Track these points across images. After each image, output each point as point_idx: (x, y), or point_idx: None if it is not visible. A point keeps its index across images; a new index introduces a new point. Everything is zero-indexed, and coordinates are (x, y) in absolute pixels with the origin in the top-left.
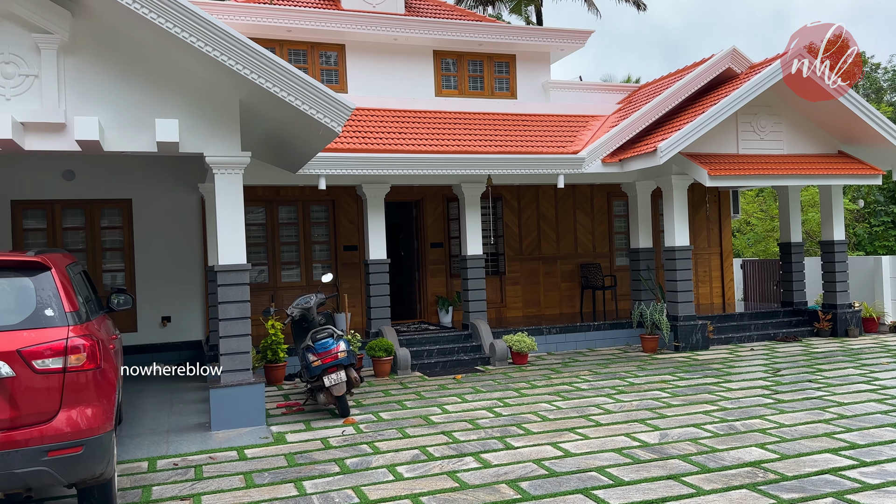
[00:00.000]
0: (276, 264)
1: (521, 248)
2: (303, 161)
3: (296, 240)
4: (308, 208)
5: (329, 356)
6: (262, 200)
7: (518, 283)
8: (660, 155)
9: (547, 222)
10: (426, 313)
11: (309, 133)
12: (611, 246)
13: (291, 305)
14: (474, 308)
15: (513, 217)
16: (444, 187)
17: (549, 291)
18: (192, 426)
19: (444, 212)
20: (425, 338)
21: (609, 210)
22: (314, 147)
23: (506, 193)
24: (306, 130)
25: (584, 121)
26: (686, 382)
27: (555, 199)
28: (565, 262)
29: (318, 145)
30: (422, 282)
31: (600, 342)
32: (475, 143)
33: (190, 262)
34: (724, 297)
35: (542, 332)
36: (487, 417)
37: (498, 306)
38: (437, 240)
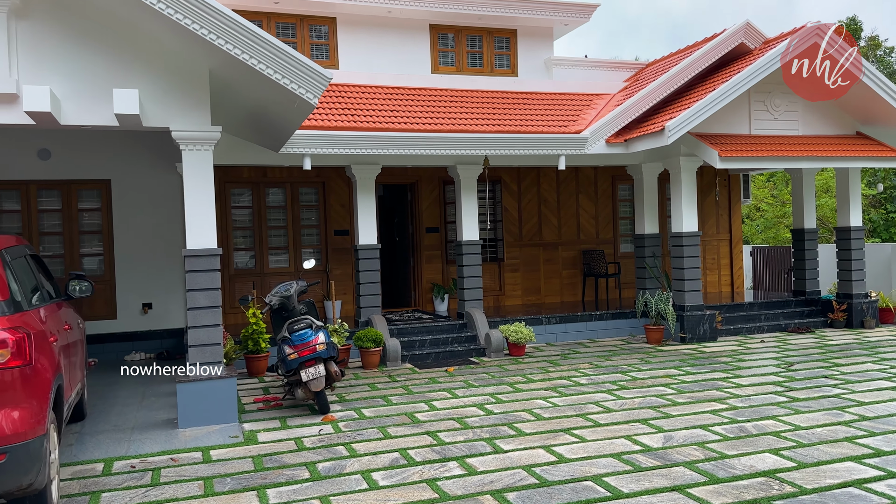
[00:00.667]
0: (263, 249)
1: (520, 234)
2: (283, 138)
3: (284, 224)
4: (297, 191)
5: (307, 349)
6: (248, 182)
7: (517, 270)
8: (667, 134)
9: (548, 207)
10: (421, 301)
11: (284, 107)
12: (615, 232)
13: (270, 293)
14: (470, 296)
15: (512, 201)
16: (440, 169)
17: (549, 279)
18: (159, 423)
19: (440, 195)
20: (417, 327)
21: (613, 194)
22: (292, 122)
23: (505, 176)
24: (281, 104)
25: (589, 99)
26: (692, 377)
27: (557, 183)
28: (567, 249)
29: (295, 120)
30: (416, 268)
31: (602, 332)
32: (472, 121)
33: (172, 247)
34: (733, 285)
35: (541, 321)
36: (477, 415)
37: (496, 294)
38: (432, 224)
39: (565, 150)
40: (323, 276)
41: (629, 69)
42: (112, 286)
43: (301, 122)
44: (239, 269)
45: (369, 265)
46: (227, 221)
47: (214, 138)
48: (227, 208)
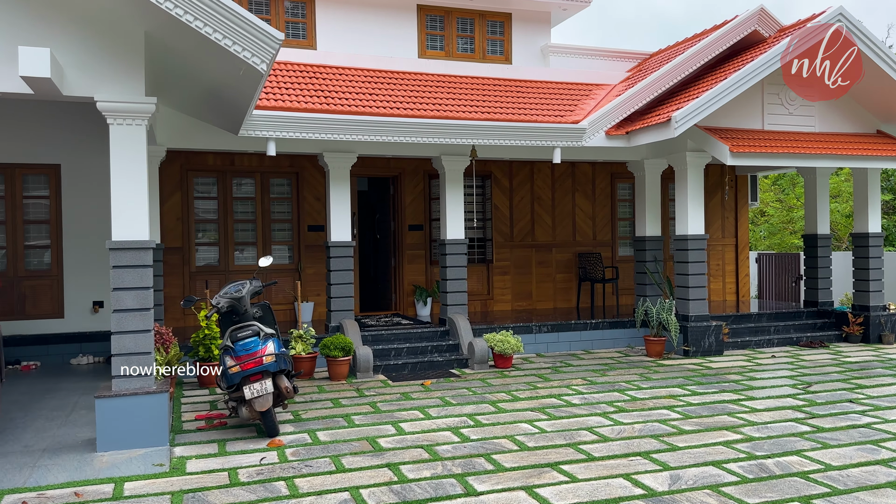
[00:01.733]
0: (228, 244)
1: (511, 234)
2: (239, 118)
3: (253, 217)
4: (267, 181)
5: (251, 361)
6: (213, 170)
7: (507, 272)
8: (674, 126)
9: (542, 205)
10: (402, 305)
11: (232, 75)
12: (613, 234)
13: (218, 294)
14: (453, 301)
15: (503, 198)
16: (425, 161)
17: (542, 283)
18: (78, 444)
19: (425, 189)
20: (394, 334)
21: (612, 193)
22: (244, 95)
23: (496, 171)
24: (228, 72)
25: (588, 89)
26: (700, 398)
27: (551, 180)
28: (562, 251)
29: (246, 92)
30: (398, 269)
31: (598, 343)
32: (458, 108)
33: None
34: (738, 293)
35: (531, 329)
36: (451, 443)
37: (484, 298)
38: (416, 221)
39: (561, 142)
40: (295, 276)
41: (632, 59)
42: (59, 282)
43: (254, 97)
44: (201, 266)
45: (342, 264)
46: (189, 213)
47: (148, 111)
48: (189, 199)
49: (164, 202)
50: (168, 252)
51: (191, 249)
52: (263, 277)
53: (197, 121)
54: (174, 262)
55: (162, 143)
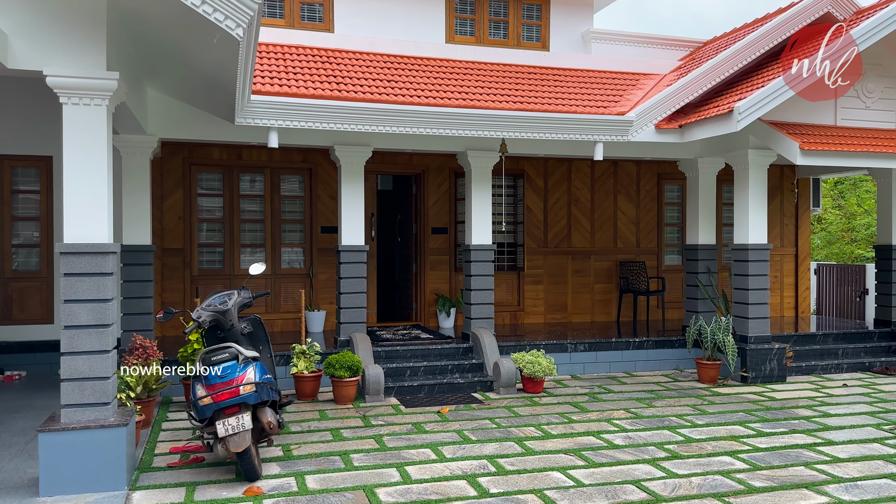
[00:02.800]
0: (234, 247)
1: (545, 240)
2: (230, 100)
3: (261, 217)
4: (278, 178)
5: (226, 390)
6: (219, 165)
7: (540, 282)
8: (736, 118)
9: (580, 208)
10: (423, 315)
11: (206, 44)
12: (659, 240)
13: (200, 306)
14: (478, 314)
15: (537, 200)
16: (450, 158)
17: (578, 294)
18: (22, 483)
19: (450, 189)
20: (411, 350)
21: (659, 195)
22: (227, 71)
23: (529, 169)
24: (201, 40)
25: (634, 79)
26: (767, 441)
27: (591, 180)
28: (601, 259)
29: (229, 68)
30: (419, 276)
31: (642, 364)
32: (487, 97)
33: None
34: (797, 309)
35: (565, 347)
36: (464, 498)
37: (513, 310)
38: (440, 224)
39: (604, 136)
40: (306, 282)
41: (683, 47)
42: (49, 284)
43: (237, 73)
44: (204, 269)
45: (353, 271)
46: (192, 212)
47: (108, 88)
48: (191, 196)
49: (164, 199)
50: (168, 254)
51: (193, 251)
52: (259, 286)
53: (192, 108)
54: (174, 265)
55: (153, 132)
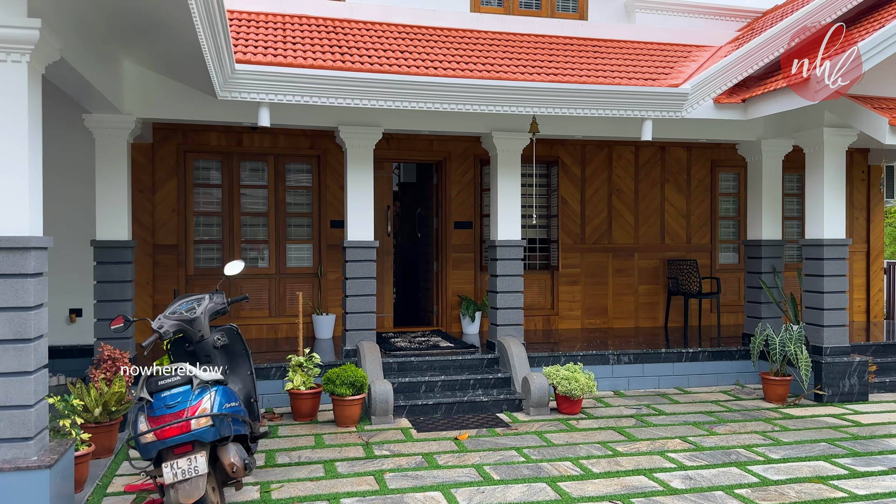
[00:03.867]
0: (234, 242)
1: (582, 235)
2: (200, 66)
3: (264, 209)
4: (283, 166)
5: (174, 425)
6: (217, 151)
7: (577, 282)
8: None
9: (622, 199)
10: (445, 320)
11: None
12: (713, 236)
13: (163, 314)
14: (505, 319)
15: (573, 190)
16: (475, 143)
17: (620, 296)
18: None
19: (475, 178)
20: (427, 361)
21: (713, 185)
22: (185, 27)
23: (564, 156)
24: None
25: (685, 51)
26: (865, 485)
27: (635, 167)
28: (646, 257)
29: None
30: (440, 275)
31: (696, 379)
32: (516, 69)
33: (77, 230)
34: (869, 314)
35: (607, 359)
36: None
37: (546, 314)
38: (464, 217)
39: (654, 112)
40: (314, 282)
41: (740, 17)
42: None
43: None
44: (201, 268)
45: (361, 270)
46: (187, 204)
47: (28, 40)
48: (187, 186)
49: (156, 190)
50: (160, 251)
51: (188, 248)
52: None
53: (176, 84)
54: (167, 264)
55: (131, 111)
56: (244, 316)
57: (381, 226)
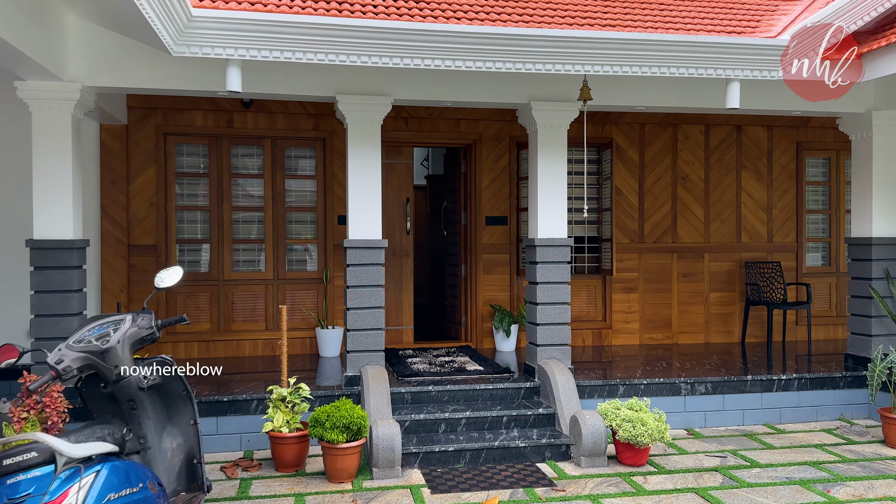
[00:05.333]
0: (223, 243)
1: (641, 232)
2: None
3: (260, 203)
4: (281, 151)
5: None
6: (203, 134)
7: (634, 289)
8: None
9: (689, 189)
10: (474, 333)
11: None
12: (799, 233)
13: (64, 343)
14: (547, 337)
15: (630, 178)
16: (510, 122)
17: (687, 305)
18: None
19: (511, 164)
20: (448, 392)
21: (798, 172)
22: None
23: (619, 137)
24: None
25: (773, 5)
26: None
27: (705, 150)
28: (719, 258)
29: None
30: (470, 280)
31: (790, 412)
32: (562, 18)
33: (24, 225)
34: None
35: (678, 388)
36: None
37: (597, 327)
38: (497, 212)
39: (741, 71)
40: (319, 288)
41: None
42: None
43: None
44: (185, 273)
45: (366, 276)
46: (168, 196)
47: None
48: (167, 175)
49: (130, 180)
50: (136, 252)
51: (169, 249)
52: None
53: (130, 42)
54: (145, 268)
55: (75, 77)
56: (235, 330)
57: (398, 222)
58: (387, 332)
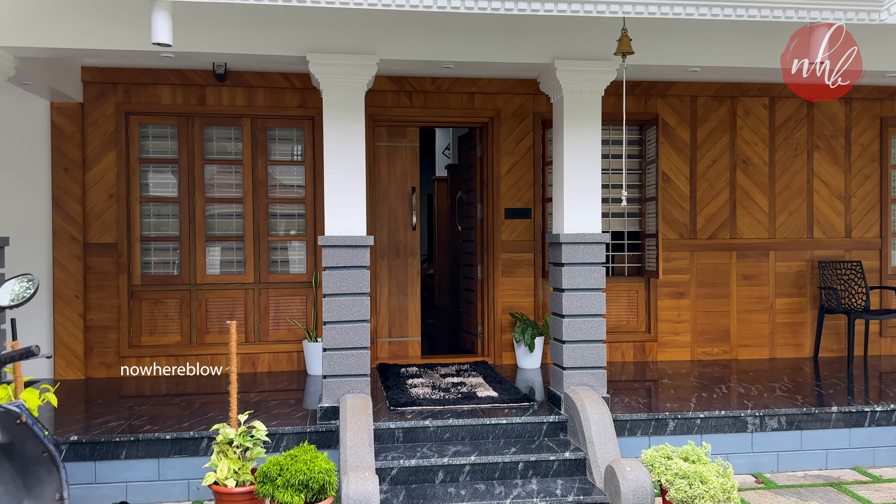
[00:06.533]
0: (195, 240)
1: (692, 226)
2: None
3: (238, 194)
4: (263, 133)
5: None
6: (171, 113)
7: (684, 294)
8: None
9: (751, 174)
10: (492, 345)
11: None
12: (884, 227)
13: None
14: (575, 359)
15: (679, 161)
16: (534, 95)
17: (749, 314)
18: None
19: (536, 146)
20: (451, 427)
21: (883, 153)
22: None
23: (666, 112)
24: None
25: None
26: None
27: (770, 128)
28: (787, 257)
29: None
30: (487, 283)
31: (885, 453)
32: None
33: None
34: None
35: (743, 423)
36: None
37: (640, 339)
38: (519, 202)
39: (832, 12)
40: (308, 294)
41: None
42: None
43: None
44: (150, 276)
45: (346, 282)
46: (132, 186)
47: None
48: (130, 162)
49: (86, 168)
50: (93, 252)
51: (133, 248)
52: None
53: None
54: (104, 270)
55: None
56: (209, 343)
57: (402, 216)
58: (389, 345)
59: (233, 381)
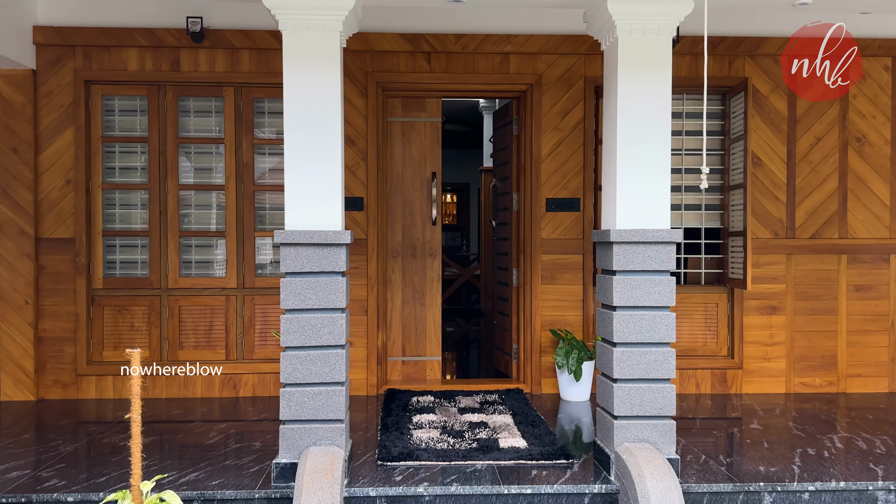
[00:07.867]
0: (167, 236)
1: (790, 221)
2: None
3: (219, 179)
4: (249, 105)
5: None
6: (140, 82)
7: (779, 308)
8: None
9: (867, 156)
10: (529, 370)
11: None
12: None
13: None
14: (630, 405)
15: (773, 140)
16: (587, 53)
17: (862, 335)
18: None
19: (587, 119)
20: (452, 498)
21: None
22: None
23: (756, 77)
24: None
25: None
26: None
27: (892, 95)
28: None
29: None
30: (524, 291)
31: None
32: None
33: None
34: None
35: (871, 499)
36: None
37: (720, 366)
38: (564, 192)
39: None
40: None
41: None
42: None
43: None
44: (114, 277)
45: (309, 294)
46: (93, 170)
47: None
48: (91, 141)
49: (39, 149)
50: (47, 248)
51: (92, 243)
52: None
53: None
54: (59, 270)
55: None
56: (183, 360)
57: (420, 208)
58: (402, 365)
59: (135, 435)
